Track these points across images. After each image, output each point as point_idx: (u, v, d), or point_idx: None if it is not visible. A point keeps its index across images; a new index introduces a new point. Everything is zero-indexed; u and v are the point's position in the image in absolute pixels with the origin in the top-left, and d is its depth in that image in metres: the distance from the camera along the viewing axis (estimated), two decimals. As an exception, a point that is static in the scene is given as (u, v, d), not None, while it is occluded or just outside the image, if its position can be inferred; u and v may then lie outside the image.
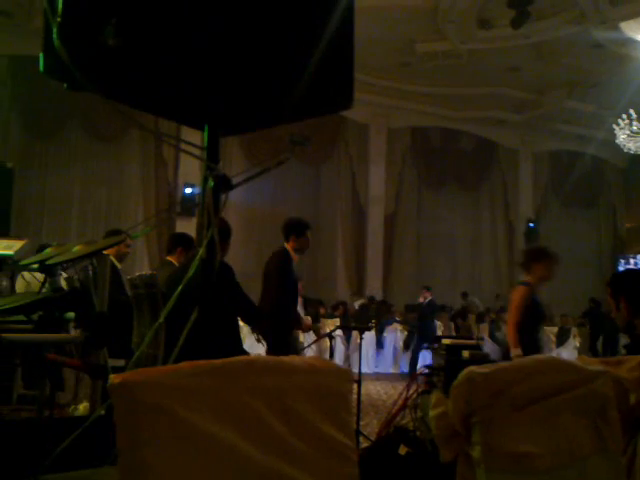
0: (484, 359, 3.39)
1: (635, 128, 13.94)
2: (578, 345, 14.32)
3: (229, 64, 1.75)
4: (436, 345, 4.37)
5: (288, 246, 5.40)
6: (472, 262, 18.56)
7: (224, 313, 3.95)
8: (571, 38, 12.77)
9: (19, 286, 4.40)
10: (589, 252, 19.67)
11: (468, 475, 1.65)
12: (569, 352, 13.61)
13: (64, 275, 3.06)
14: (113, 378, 1.15)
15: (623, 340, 11.67)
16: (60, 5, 1.55)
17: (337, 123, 15.79)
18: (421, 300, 12.53)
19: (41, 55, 1.65)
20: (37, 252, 4.29)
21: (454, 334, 13.36)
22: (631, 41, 12.58)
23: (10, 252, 3.39)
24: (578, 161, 18.54)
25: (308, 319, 5.23)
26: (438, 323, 14.20)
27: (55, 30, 1.55)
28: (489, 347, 13.36)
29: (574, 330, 14.53)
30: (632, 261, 19.39)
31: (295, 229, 5.44)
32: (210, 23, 1.68)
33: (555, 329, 14.48)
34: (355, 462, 1.44)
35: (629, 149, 14.54)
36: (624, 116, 13.96)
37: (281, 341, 5.16)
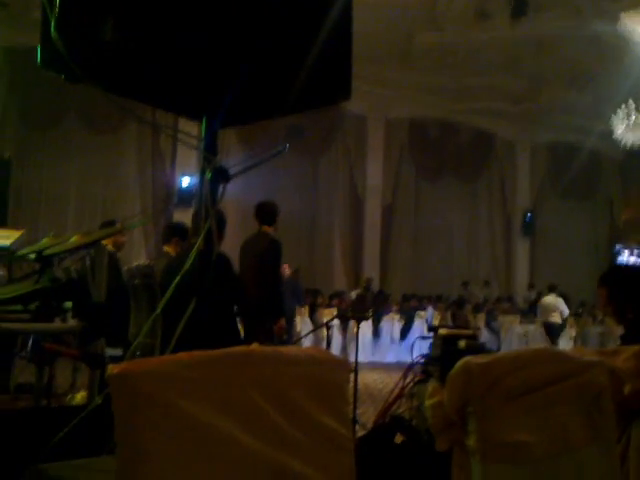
0: (480, 349, 3.39)
1: (633, 119, 13.90)
2: (574, 335, 14.36)
3: (227, 56, 1.75)
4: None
5: (271, 230, 5.22)
6: (469, 253, 18.58)
7: (221, 304, 3.97)
8: (569, 30, 12.74)
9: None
10: (586, 244, 19.69)
11: (463, 464, 1.66)
12: (565, 342, 13.64)
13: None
14: (112, 368, 1.15)
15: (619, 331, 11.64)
16: (58, -3, 1.55)
17: (335, 114, 15.69)
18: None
19: (38, 47, 1.65)
20: None
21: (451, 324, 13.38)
22: (629, 33, 12.55)
23: (7, 242, 3.39)
24: (575, 153, 18.51)
25: (282, 322, 5.13)
26: (434, 312, 14.26)
27: (53, 23, 1.55)
28: (486, 337, 13.45)
29: (570, 320, 14.56)
30: (635, 252, 19.34)
31: (276, 213, 5.27)
32: (208, 16, 1.68)
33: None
34: (351, 451, 1.46)
35: (627, 141, 14.50)
36: (623, 108, 13.92)
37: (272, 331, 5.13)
